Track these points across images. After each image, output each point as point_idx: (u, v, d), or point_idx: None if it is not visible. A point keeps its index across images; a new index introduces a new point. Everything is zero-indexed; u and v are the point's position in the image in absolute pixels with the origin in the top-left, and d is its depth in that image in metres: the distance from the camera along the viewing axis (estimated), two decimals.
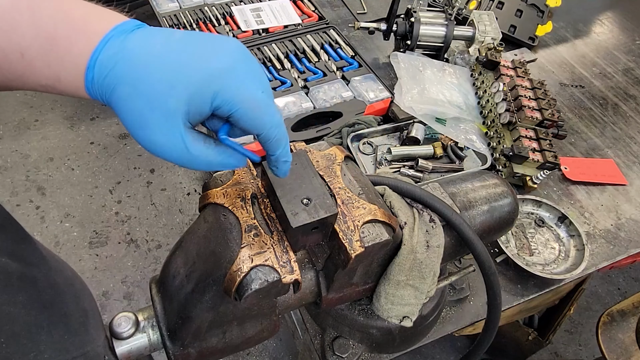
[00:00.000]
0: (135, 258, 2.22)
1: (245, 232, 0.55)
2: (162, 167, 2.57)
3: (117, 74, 0.42)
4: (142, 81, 0.42)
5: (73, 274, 0.61)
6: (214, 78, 0.43)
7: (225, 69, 0.43)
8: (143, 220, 2.35)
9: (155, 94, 0.42)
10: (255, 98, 0.45)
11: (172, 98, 0.42)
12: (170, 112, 0.42)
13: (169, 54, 0.43)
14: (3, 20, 0.41)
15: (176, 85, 0.42)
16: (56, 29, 0.42)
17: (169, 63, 0.42)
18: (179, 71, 0.42)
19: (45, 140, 2.64)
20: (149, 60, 0.42)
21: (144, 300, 2.10)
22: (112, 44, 0.42)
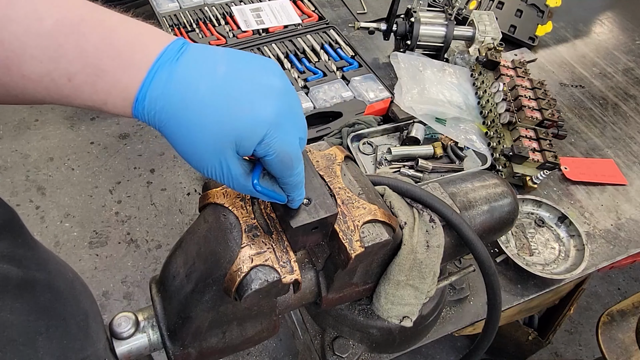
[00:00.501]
0: (135, 258, 2.22)
1: (245, 232, 0.55)
2: (162, 167, 2.57)
3: (167, 116, 0.44)
4: (194, 128, 0.44)
5: (74, 276, 0.61)
6: (262, 126, 0.45)
7: (271, 121, 0.46)
8: (143, 220, 2.35)
9: (208, 139, 0.44)
10: (290, 151, 0.48)
11: (223, 142, 0.45)
12: (222, 151, 0.45)
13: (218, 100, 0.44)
14: (49, 45, 0.41)
15: (227, 133, 0.44)
16: (102, 60, 0.42)
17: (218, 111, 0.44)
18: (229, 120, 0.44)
19: (45, 140, 2.64)
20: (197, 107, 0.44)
21: (144, 300, 2.10)
22: (158, 79, 0.43)
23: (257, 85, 0.46)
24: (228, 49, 0.48)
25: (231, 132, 0.45)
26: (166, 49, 0.45)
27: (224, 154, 0.46)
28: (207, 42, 1.40)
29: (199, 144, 0.45)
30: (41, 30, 0.41)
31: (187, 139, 0.45)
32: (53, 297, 0.52)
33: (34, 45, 0.41)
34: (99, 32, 0.43)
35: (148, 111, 0.44)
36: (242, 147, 0.46)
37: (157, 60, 0.44)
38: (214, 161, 0.46)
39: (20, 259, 0.49)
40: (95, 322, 0.58)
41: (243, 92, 0.45)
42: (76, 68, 0.42)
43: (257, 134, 0.45)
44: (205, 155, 0.46)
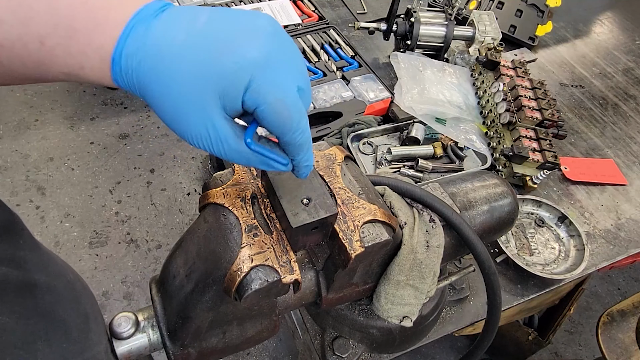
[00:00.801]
0: (135, 258, 2.22)
1: (245, 232, 0.55)
2: (162, 167, 2.57)
3: (144, 71, 0.40)
4: (172, 78, 0.40)
5: (75, 277, 0.61)
6: (246, 70, 0.40)
7: (258, 61, 0.41)
8: (143, 220, 2.35)
9: (188, 89, 0.40)
10: (285, 97, 0.42)
11: (205, 93, 0.40)
12: (205, 107, 0.41)
13: (197, 43, 0.40)
14: (20, 8, 0.39)
15: (208, 79, 0.40)
16: (75, 18, 0.40)
17: (198, 54, 0.40)
18: (210, 64, 0.40)
19: (45, 140, 2.64)
20: (176, 53, 0.40)
21: (144, 300, 2.10)
22: (135, 35, 0.40)
23: (241, 27, 0.42)
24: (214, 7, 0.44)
25: (212, 79, 0.40)
26: (144, 7, 0.41)
27: (207, 110, 0.41)
28: None
29: (178, 99, 0.40)
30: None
31: (167, 95, 0.41)
32: (53, 299, 0.52)
33: (4, 8, 0.38)
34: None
35: (125, 70, 0.41)
36: (227, 99, 0.41)
37: (134, 17, 0.41)
38: (197, 121, 0.41)
39: (20, 261, 0.49)
40: (96, 324, 0.58)
41: (224, 34, 0.41)
42: (48, 30, 0.39)
43: (241, 77, 0.40)
44: (187, 115, 0.41)
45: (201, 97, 0.40)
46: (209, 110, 0.41)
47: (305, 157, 0.47)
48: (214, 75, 0.40)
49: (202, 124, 0.41)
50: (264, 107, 0.41)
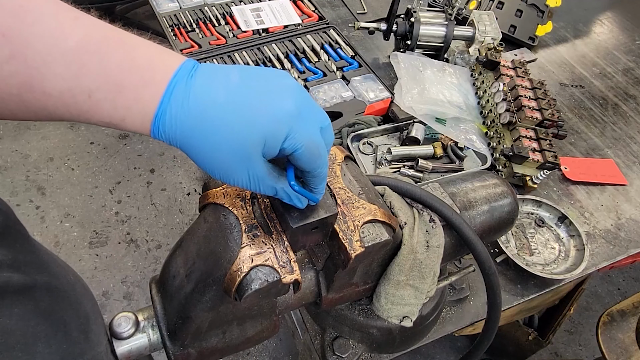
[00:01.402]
0: (135, 258, 2.22)
1: (245, 232, 0.55)
2: (162, 167, 2.57)
3: (187, 129, 0.44)
4: (218, 135, 0.44)
5: (75, 278, 0.61)
6: (285, 121, 0.46)
7: (294, 113, 0.46)
8: (143, 220, 2.35)
9: (233, 145, 0.45)
10: (315, 140, 0.49)
11: (250, 146, 0.45)
12: (250, 153, 0.45)
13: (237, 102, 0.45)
14: (72, 62, 0.42)
15: (252, 133, 0.45)
16: (123, 76, 0.43)
17: (240, 113, 0.45)
18: (253, 120, 0.45)
19: (45, 140, 2.64)
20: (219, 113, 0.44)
21: (144, 300, 2.10)
22: (176, 95, 0.44)
23: (271, 85, 0.47)
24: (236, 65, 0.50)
25: (256, 133, 0.45)
26: (181, 67, 0.45)
27: (251, 159, 0.46)
28: (207, 42, 1.40)
29: (224, 154, 0.45)
30: (66, 48, 0.41)
31: (212, 150, 0.45)
32: (54, 301, 0.52)
33: (57, 62, 0.41)
34: (120, 50, 0.44)
35: (169, 127, 0.44)
36: (268, 147, 0.46)
37: (174, 76, 0.44)
38: (242, 169, 0.46)
39: (20, 264, 0.49)
40: (96, 325, 0.58)
41: (260, 93, 0.46)
42: (97, 84, 0.43)
43: (282, 129, 0.46)
44: (232, 165, 0.46)
45: (246, 149, 0.45)
46: (252, 158, 0.46)
47: (323, 186, 0.54)
48: (257, 130, 0.45)
49: (245, 171, 0.46)
50: (302, 151, 0.47)
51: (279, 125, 0.45)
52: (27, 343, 0.46)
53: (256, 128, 0.45)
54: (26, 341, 0.46)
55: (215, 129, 0.44)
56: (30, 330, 0.46)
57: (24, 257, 0.51)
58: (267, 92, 0.46)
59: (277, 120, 0.45)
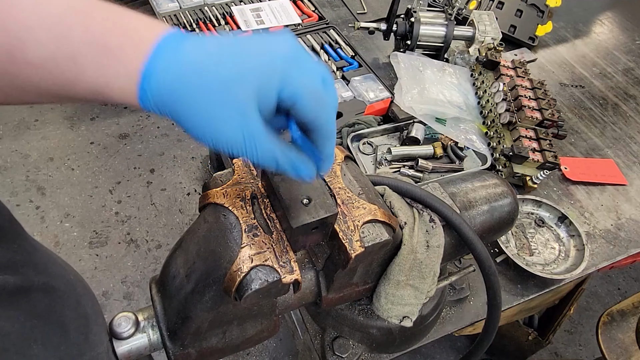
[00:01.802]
0: (135, 258, 2.22)
1: (245, 232, 0.55)
2: (162, 167, 2.57)
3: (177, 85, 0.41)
4: (209, 87, 0.40)
5: (75, 278, 0.60)
6: (280, 65, 0.42)
7: (290, 57, 0.42)
8: (143, 220, 2.35)
9: (225, 88, 0.41)
10: (318, 89, 0.44)
11: (243, 89, 0.41)
12: (243, 105, 0.41)
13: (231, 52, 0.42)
14: (55, 27, 0.40)
15: (245, 74, 0.41)
16: (107, 34, 0.41)
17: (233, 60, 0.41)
18: (246, 60, 0.41)
19: (45, 140, 2.64)
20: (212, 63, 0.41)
21: (144, 300, 2.10)
22: (166, 51, 0.41)
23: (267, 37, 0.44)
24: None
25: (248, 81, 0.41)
26: (170, 32, 0.43)
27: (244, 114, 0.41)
28: None
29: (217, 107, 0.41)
30: (48, 13, 0.40)
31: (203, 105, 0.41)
32: (51, 302, 0.51)
33: (40, 29, 0.39)
34: (106, 15, 0.42)
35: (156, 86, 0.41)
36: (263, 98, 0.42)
37: (163, 39, 0.42)
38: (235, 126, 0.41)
39: (16, 265, 0.49)
40: (96, 325, 0.58)
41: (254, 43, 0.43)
42: (81, 49, 0.40)
43: (276, 74, 0.42)
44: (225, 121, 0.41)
45: (239, 100, 0.41)
46: (247, 115, 0.41)
47: (332, 148, 0.48)
48: (249, 77, 0.41)
49: (239, 130, 0.42)
50: (304, 98, 0.43)
51: (274, 70, 0.42)
52: (23, 345, 0.45)
53: (248, 76, 0.41)
54: (22, 344, 0.45)
55: (205, 83, 0.40)
56: (26, 332, 0.46)
57: (21, 257, 0.51)
58: (262, 42, 0.43)
59: (271, 63, 0.42)
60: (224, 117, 0.41)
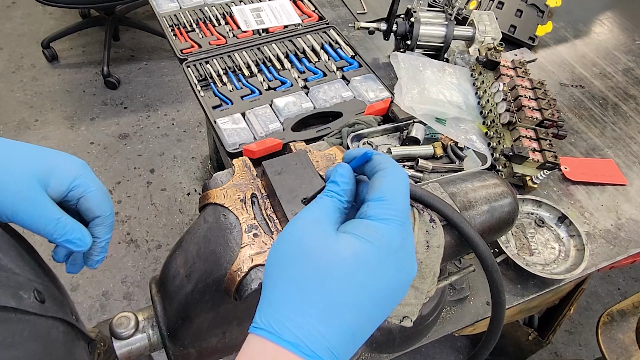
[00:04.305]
0: (135, 258, 2.22)
1: (245, 232, 0.55)
2: (162, 167, 2.57)
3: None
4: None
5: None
6: (76, 166, 0.53)
7: (82, 164, 0.54)
8: (143, 220, 2.35)
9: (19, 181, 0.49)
10: (105, 190, 0.55)
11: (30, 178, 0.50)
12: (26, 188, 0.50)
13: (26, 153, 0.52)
14: None
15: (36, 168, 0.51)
16: None
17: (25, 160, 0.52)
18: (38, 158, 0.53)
19: (45, 140, 2.64)
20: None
21: (144, 300, 2.10)
22: None
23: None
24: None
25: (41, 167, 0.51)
26: None
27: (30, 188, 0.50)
28: (207, 42, 1.40)
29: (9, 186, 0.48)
30: None
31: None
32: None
33: None
34: None
35: None
36: (56, 181, 0.52)
37: None
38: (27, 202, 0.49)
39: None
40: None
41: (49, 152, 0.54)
42: None
43: (74, 170, 0.53)
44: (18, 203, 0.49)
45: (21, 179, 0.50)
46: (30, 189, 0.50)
47: (107, 242, 0.59)
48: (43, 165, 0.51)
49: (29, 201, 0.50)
50: (95, 190, 0.54)
51: (71, 165, 0.52)
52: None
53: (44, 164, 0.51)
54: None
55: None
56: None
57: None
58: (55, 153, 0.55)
59: (69, 162, 0.53)
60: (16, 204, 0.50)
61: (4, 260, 0.49)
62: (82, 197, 0.53)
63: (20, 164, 0.50)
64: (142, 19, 3.23)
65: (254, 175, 0.62)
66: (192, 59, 1.34)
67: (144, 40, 3.21)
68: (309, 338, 0.35)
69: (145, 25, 3.12)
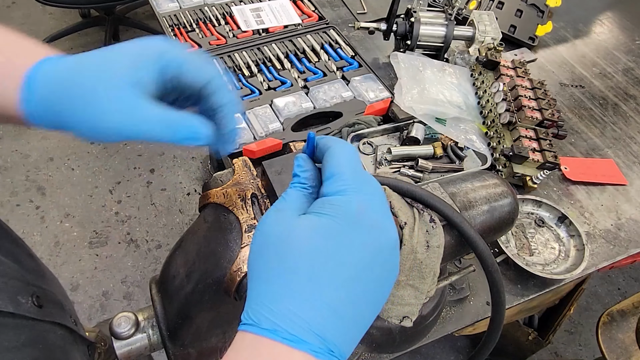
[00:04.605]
0: (135, 258, 2.22)
1: (245, 232, 0.55)
2: (162, 167, 2.57)
3: (58, 78, 0.43)
4: (83, 74, 0.43)
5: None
6: (154, 47, 0.45)
7: (164, 42, 0.46)
8: (143, 220, 2.36)
9: (98, 75, 0.42)
10: (200, 57, 0.46)
11: (114, 72, 0.43)
12: (118, 84, 0.42)
13: (102, 50, 0.45)
14: None
15: (114, 59, 0.43)
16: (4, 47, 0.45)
17: (104, 51, 0.44)
18: (116, 50, 0.44)
19: (45, 140, 2.64)
20: (85, 58, 0.44)
21: (144, 300, 2.10)
22: (47, 62, 0.44)
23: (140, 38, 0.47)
24: None
25: (120, 62, 0.43)
26: (54, 54, 0.46)
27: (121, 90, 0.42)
28: (207, 42, 1.40)
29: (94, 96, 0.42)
30: None
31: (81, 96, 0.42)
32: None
33: None
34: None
35: (40, 86, 0.43)
36: (142, 69, 0.43)
37: (48, 56, 0.45)
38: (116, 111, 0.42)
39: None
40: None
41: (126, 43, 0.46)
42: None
43: (150, 50, 0.45)
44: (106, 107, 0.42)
45: (113, 81, 0.42)
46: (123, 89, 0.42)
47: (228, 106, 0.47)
48: (120, 59, 0.43)
49: (118, 109, 0.42)
50: (188, 60, 0.45)
51: (146, 49, 0.44)
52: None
53: (118, 60, 0.43)
54: None
55: (80, 76, 0.43)
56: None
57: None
58: (135, 40, 0.46)
59: (143, 48, 0.45)
60: (102, 100, 0.42)
61: (2, 266, 0.49)
62: (179, 73, 0.45)
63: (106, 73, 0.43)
64: (142, 19, 3.23)
65: (254, 175, 0.62)
66: None
67: None
68: (286, 322, 0.35)
69: (145, 25, 3.12)
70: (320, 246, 0.36)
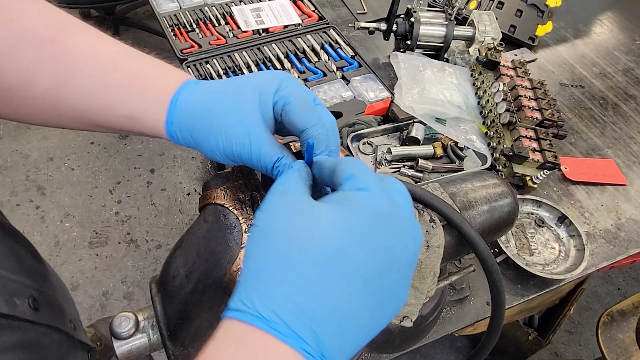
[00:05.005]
0: (135, 258, 2.22)
1: (246, 232, 0.55)
2: (162, 167, 2.57)
3: (196, 101, 0.50)
4: (217, 97, 0.50)
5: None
6: (273, 79, 0.51)
7: (282, 75, 0.52)
8: (143, 220, 2.36)
9: (231, 99, 0.49)
10: (306, 96, 0.51)
11: (245, 96, 0.49)
12: (246, 111, 0.48)
13: (232, 80, 0.52)
14: (105, 62, 0.51)
15: (245, 87, 0.50)
16: (146, 70, 0.52)
17: (235, 80, 0.51)
18: (246, 80, 0.51)
19: (45, 140, 2.64)
20: (219, 85, 0.51)
21: (144, 300, 2.10)
22: (189, 85, 0.51)
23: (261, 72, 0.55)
24: None
25: (249, 90, 0.49)
26: (192, 78, 0.54)
27: (247, 113, 0.48)
28: (207, 42, 1.40)
29: (225, 116, 0.48)
30: (100, 52, 0.52)
31: (215, 118, 0.48)
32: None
33: (93, 62, 0.51)
34: (145, 57, 0.54)
35: (181, 107, 0.50)
36: (263, 101, 0.49)
37: (188, 80, 0.53)
38: (241, 127, 0.48)
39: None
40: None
41: (251, 75, 0.53)
42: (124, 79, 0.51)
43: (272, 83, 0.50)
44: (233, 125, 0.48)
45: (243, 105, 0.49)
46: (250, 114, 0.48)
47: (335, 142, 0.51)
48: (250, 88, 0.50)
49: (245, 129, 0.48)
50: (294, 99, 0.49)
51: (268, 81, 0.50)
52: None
53: (248, 89, 0.49)
54: None
55: (215, 100, 0.49)
56: None
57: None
58: (258, 73, 0.53)
59: (265, 79, 0.51)
60: (232, 123, 0.48)
61: (1, 267, 0.49)
62: (283, 111, 0.49)
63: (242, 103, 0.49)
64: (142, 19, 3.23)
65: (255, 175, 0.62)
66: (192, 59, 1.34)
67: (144, 40, 3.21)
68: (282, 308, 0.32)
69: (146, 25, 3.12)
70: (343, 241, 0.33)
